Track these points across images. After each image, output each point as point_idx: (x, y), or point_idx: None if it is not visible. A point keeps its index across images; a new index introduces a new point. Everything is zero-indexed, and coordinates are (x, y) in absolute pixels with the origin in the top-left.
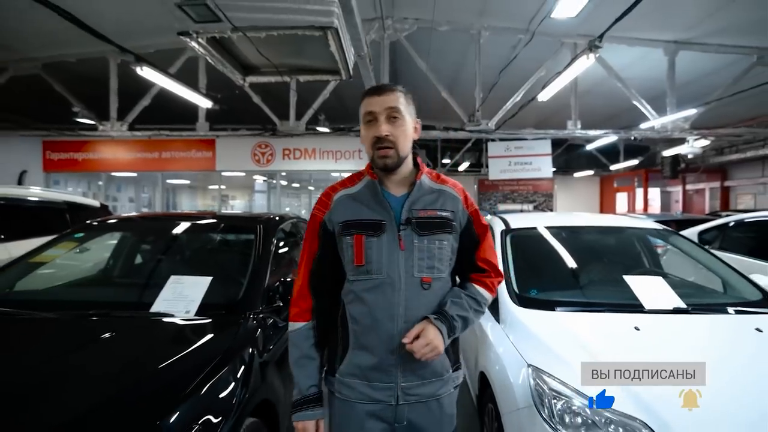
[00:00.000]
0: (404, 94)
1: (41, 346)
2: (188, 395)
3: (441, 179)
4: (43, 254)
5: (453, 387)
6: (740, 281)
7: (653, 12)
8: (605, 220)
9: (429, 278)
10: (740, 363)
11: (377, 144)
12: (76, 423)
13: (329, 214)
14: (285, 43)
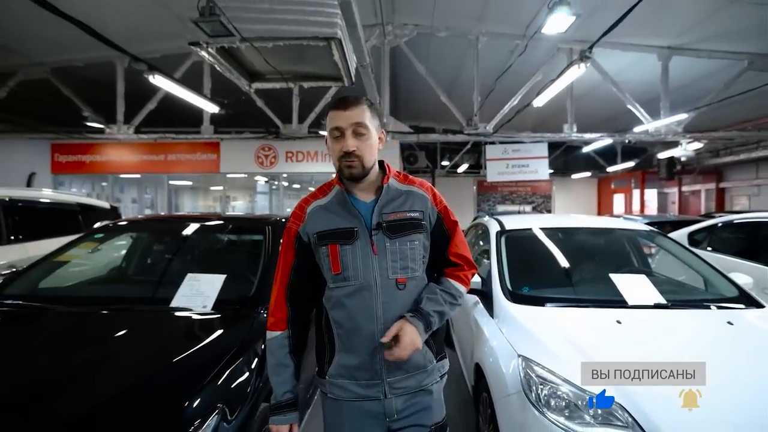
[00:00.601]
0: (369, 107)
1: (76, 336)
2: (210, 381)
3: (408, 180)
4: (66, 254)
5: (439, 376)
6: (720, 279)
7: (647, 19)
8: (596, 221)
9: (404, 278)
10: (709, 352)
11: (344, 158)
12: (113, 402)
13: (304, 226)
14: (290, 51)
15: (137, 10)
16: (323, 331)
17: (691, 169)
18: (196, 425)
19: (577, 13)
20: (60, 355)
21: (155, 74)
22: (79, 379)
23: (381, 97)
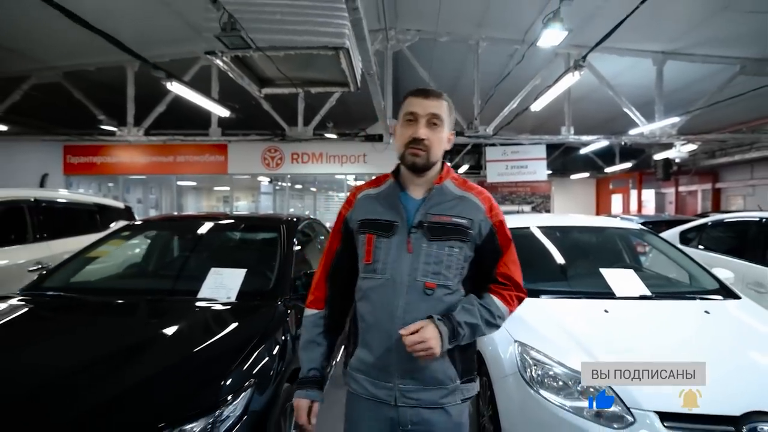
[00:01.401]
0: (448, 105)
1: (120, 322)
2: (241, 362)
3: (467, 186)
4: (97, 250)
5: (461, 399)
6: (702, 274)
7: (642, 25)
8: (589, 220)
9: (433, 284)
10: (685, 336)
11: (411, 144)
12: (158, 378)
13: (351, 212)
14: (299, 59)
15: (148, 16)
16: (352, 323)
17: (687, 170)
18: (234, 396)
19: (569, 28)
20: (108, 337)
21: (173, 81)
22: (128, 357)
23: (384, 100)
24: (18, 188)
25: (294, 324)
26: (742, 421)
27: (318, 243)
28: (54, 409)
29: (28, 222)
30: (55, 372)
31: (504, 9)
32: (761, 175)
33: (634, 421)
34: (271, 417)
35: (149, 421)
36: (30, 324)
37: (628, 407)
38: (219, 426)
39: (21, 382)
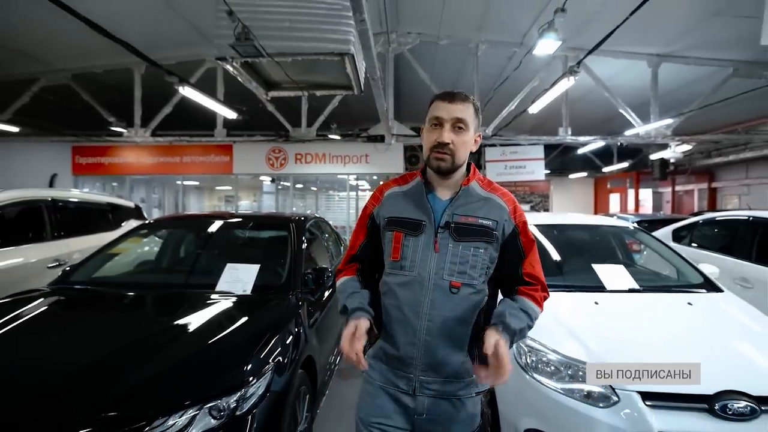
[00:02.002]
0: (474, 108)
1: (145, 313)
2: (260, 350)
3: (492, 187)
4: (117, 247)
5: (475, 392)
6: (688, 269)
7: (637, 28)
8: (583, 219)
9: (458, 283)
10: (667, 324)
11: (436, 148)
12: (190, 361)
13: (378, 209)
14: (305, 63)
15: (155, 19)
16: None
17: (683, 170)
18: (256, 378)
19: (563, 38)
20: (139, 325)
21: (185, 86)
22: (160, 343)
23: (385, 101)
24: (36, 188)
25: (305, 316)
26: (715, 399)
27: (324, 240)
28: (107, 384)
29: (46, 221)
30: (100, 354)
31: (502, 13)
32: (756, 174)
33: (619, 401)
34: (289, 398)
35: (188, 396)
36: (65, 314)
37: (614, 388)
38: (244, 403)
39: (71, 362)
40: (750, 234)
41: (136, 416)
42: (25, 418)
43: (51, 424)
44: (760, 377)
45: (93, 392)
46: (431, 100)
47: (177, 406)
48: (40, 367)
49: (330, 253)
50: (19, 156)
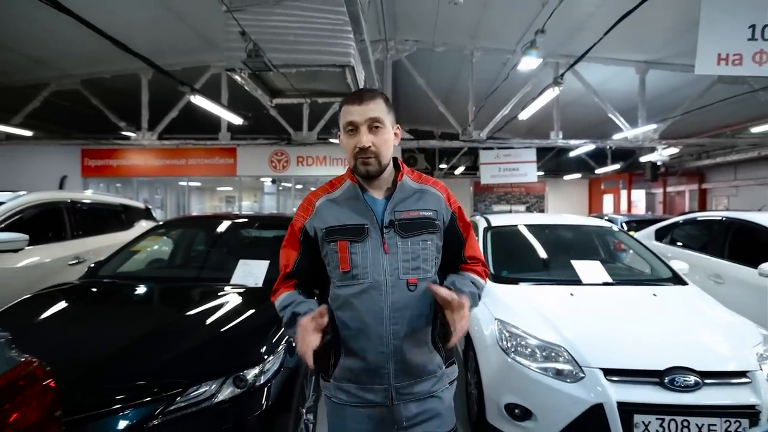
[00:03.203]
0: (385, 101)
1: (170, 302)
2: (273, 333)
3: (423, 179)
4: (138, 245)
5: (448, 382)
6: (660, 265)
7: (625, 37)
8: (568, 219)
9: (415, 279)
10: (631, 312)
11: (359, 154)
12: (216, 340)
13: (311, 220)
14: (308, 73)
15: (162, 28)
16: (327, 332)
17: (673, 171)
18: (271, 355)
19: (543, 56)
20: (166, 312)
21: (195, 95)
22: (188, 326)
23: None
24: (57, 191)
25: None
26: (665, 374)
27: None
28: (148, 359)
29: (66, 221)
30: (138, 335)
31: (495, 22)
32: (744, 176)
33: (585, 376)
34: (299, 375)
35: (217, 368)
36: (101, 303)
37: (580, 366)
38: (262, 376)
39: (115, 341)
40: (723, 233)
41: (174, 384)
42: (84, 386)
43: (106, 390)
44: (704, 355)
45: (137, 365)
46: (340, 105)
47: (208, 376)
48: (90, 345)
49: None
50: (30, 158)
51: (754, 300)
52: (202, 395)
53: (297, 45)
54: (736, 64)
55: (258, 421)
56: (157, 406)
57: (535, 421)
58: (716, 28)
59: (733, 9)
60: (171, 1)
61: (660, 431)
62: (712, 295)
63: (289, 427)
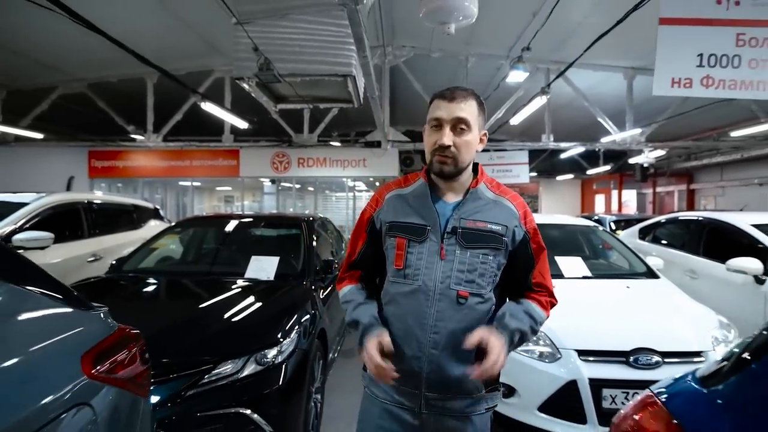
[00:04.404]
0: (478, 103)
1: (193, 293)
2: (287, 320)
3: (501, 190)
4: (157, 242)
5: (485, 408)
6: (636, 260)
7: (612, 44)
8: (554, 219)
9: (466, 293)
10: (606, 302)
11: (438, 151)
12: (239, 324)
13: (379, 212)
14: (311, 81)
15: (167, 32)
16: None
17: (662, 172)
18: (287, 338)
19: (528, 70)
20: (191, 302)
21: (206, 101)
22: (212, 314)
23: (382, 110)
24: (74, 192)
25: (318, 298)
26: (631, 354)
27: (329, 237)
28: (182, 341)
29: (83, 221)
30: (171, 321)
31: (489, 30)
32: (729, 177)
33: (561, 357)
34: (310, 357)
35: (241, 348)
36: (130, 295)
37: (557, 348)
38: (279, 356)
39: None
40: (699, 232)
41: (205, 360)
42: None
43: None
44: (665, 338)
45: (174, 346)
46: (431, 98)
47: (234, 354)
48: None
49: (333, 249)
50: (38, 159)
51: (723, 293)
52: (229, 371)
53: (302, 55)
54: (687, 86)
55: (276, 395)
56: (192, 378)
57: (518, 397)
58: (670, 56)
59: (683, 40)
60: (179, 10)
61: (625, 403)
62: (688, 289)
63: (302, 400)
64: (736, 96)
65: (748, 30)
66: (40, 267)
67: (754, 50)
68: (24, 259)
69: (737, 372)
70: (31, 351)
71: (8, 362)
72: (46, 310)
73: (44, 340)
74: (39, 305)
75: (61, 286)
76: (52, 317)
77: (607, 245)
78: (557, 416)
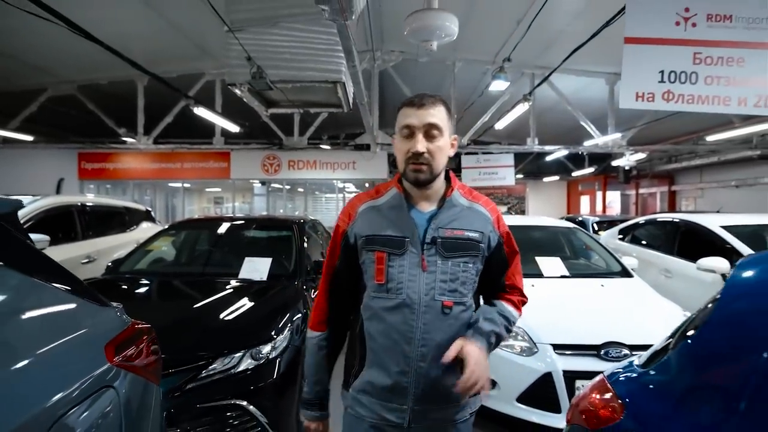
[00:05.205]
0: (446, 109)
1: (190, 293)
2: (280, 318)
3: (474, 196)
4: (152, 245)
5: (469, 413)
6: (612, 260)
7: (594, 50)
8: (537, 221)
9: (451, 302)
10: (580, 299)
11: (412, 159)
12: (235, 322)
13: (352, 226)
14: (302, 87)
15: (158, 35)
16: (356, 341)
17: (644, 174)
18: (280, 335)
19: (510, 80)
20: (189, 301)
21: (199, 106)
22: (210, 312)
23: (371, 114)
24: (68, 195)
25: (309, 297)
26: (602, 347)
27: (319, 238)
28: (181, 337)
29: (77, 223)
30: (170, 319)
31: (476, 36)
32: (708, 179)
33: (537, 351)
34: (302, 351)
35: (237, 344)
36: (129, 295)
37: (534, 342)
38: (273, 351)
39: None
40: (674, 233)
41: (203, 356)
42: None
43: None
44: (634, 332)
45: (174, 342)
46: (399, 106)
47: (231, 350)
48: None
49: (323, 250)
50: (28, 161)
51: (695, 291)
52: (226, 365)
53: (293, 62)
54: (650, 100)
55: (270, 388)
56: (191, 373)
57: (498, 389)
58: (634, 73)
59: (646, 58)
60: (169, 14)
61: None
62: (663, 287)
63: (295, 393)
64: (694, 109)
65: (704, 49)
66: (68, 270)
67: (709, 68)
68: (54, 262)
69: (663, 355)
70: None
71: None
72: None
73: (75, 331)
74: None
75: (84, 285)
76: (80, 312)
77: (586, 246)
78: (534, 406)
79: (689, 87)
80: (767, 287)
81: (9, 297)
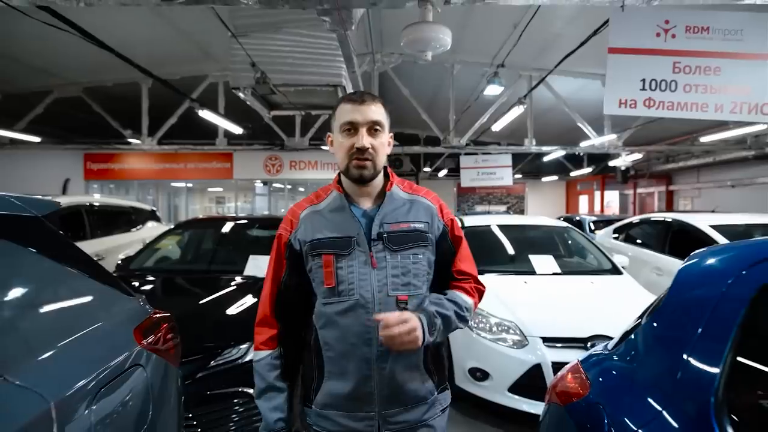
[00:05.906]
0: (384, 107)
1: (196, 289)
2: None
3: (414, 189)
4: (161, 243)
5: (440, 410)
6: (603, 258)
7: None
8: (531, 220)
9: (405, 296)
10: (571, 295)
11: (356, 154)
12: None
13: (295, 233)
14: (303, 90)
15: (162, 38)
16: (312, 353)
17: (642, 174)
18: None
19: (504, 84)
20: (194, 297)
21: (204, 109)
22: (217, 305)
23: None
24: (77, 195)
25: None
26: (588, 340)
27: None
28: (193, 328)
29: (86, 222)
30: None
31: (474, 39)
32: (705, 179)
33: (528, 343)
34: None
35: (244, 334)
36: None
37: (525, 335)
38: None
39: None
40: (665, 232)
41: (215, 346)
42: None
43: None
44: (619, 326)
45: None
46: (338, 103)
47: (237, 342)
48: None
49: None
50: (34, 162)
51: None
52: (233, 356)
53: (295, 67)
54: (632, 107)
55: None
56: (202, 362)
57: (491, 380)
58: (617, 81)
59: (629, 67)
60: (173, 19)
61: None
62: (654, 285)
63: None
64: (673, 116)
65: (682, 59)
66: (101, 265)
67: (687, 76)
68: (91, 258)
69: (624, 340)
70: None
71: (96, 326)
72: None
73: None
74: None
75: (115, 277)
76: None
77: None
78: (524, 396)
79: (669, 94)
80: (707, 279)
81: (63, 287)
